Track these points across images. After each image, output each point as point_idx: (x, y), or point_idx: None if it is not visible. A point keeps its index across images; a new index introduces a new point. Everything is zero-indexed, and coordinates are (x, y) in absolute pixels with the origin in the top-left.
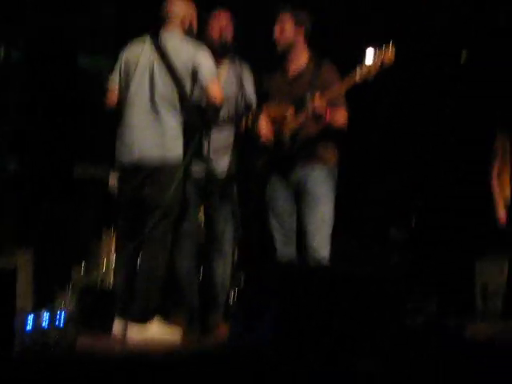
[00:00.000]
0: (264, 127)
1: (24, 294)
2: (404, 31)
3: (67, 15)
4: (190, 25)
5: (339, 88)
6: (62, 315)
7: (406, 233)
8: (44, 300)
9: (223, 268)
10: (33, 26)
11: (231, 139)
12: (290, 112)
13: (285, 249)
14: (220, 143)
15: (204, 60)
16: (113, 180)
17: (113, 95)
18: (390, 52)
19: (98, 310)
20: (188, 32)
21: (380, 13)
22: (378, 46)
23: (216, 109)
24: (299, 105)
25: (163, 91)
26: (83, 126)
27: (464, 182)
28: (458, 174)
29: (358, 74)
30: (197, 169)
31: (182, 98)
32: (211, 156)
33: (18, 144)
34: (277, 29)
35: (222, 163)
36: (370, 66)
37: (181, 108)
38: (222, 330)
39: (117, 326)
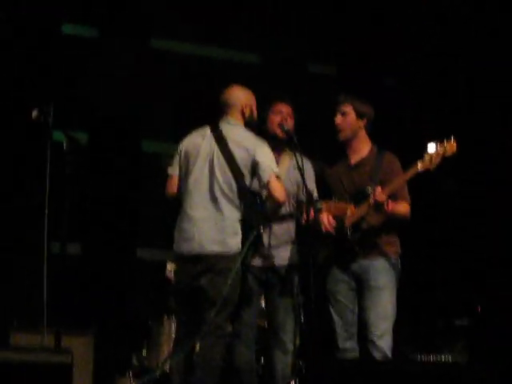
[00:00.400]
0: (325, 220)
1: (85, 379)
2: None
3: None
4: (251, 114)
5: (401, 180)
6: None
7: (470, 321)
8: None
9: (283, 360)
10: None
11: (292, 231)
12: (350, 209)
13: (346, 344)
14: (281, 235)
15: (264, 156)
16: (170, 269)
17: (173, 184)
18: (452, 144)
19: None
20: (248, 121)
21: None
22: (438, 140)
23: (278, 206)
24: (360, 196)
25: (222, 184)
26: (145, 208)
27: None
28: None
29: (420, 165)
30: (257, 260)
31: (241, 191)
32: (272, 247)
33: (80, 228)
34: (338, 119)
35: (283, 254)
36: (432, 156)
37: (239, 201)
38: None
39: None
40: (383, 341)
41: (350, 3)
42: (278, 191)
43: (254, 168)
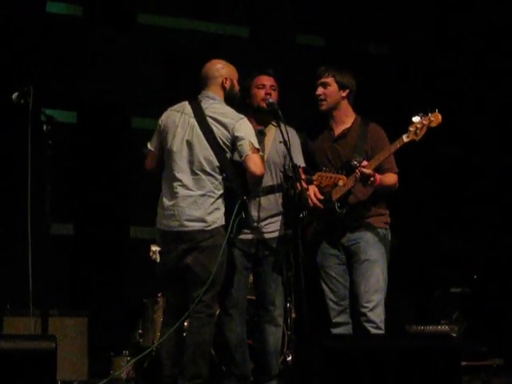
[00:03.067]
0: (312, 194)
1: (80, 360)
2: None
3: (120, 78)
4: (232, 87)
5: (387, 152)
6: None
7: (467, 288)
8: (100, 366)
9: (275, 334)
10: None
11: (280, 203)
12: (342, 180)
13: (339, 318)
14: (269, 207)
15: (243, 130)
16: (154, 250)
17: (151, 159)
18: (437, 115)
19: (153, 373)
20: (229, 95)
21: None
22: (423, 112)
23: (256, 180)
24: (346, 169)
25: (202, 159)
26: (137, 186)
27: None
28: None
29: (406, 137)
30: (245, 233)
31: (222, 165)
32: (260, 220)
33: (73, 210)
34: (319, 90)
35: (272, 227)
36: (417, 127)
37: (221, 175)
38: None
39: None
40: (375, 313)
41: None
42: (256, 165)
43: (234, 143)
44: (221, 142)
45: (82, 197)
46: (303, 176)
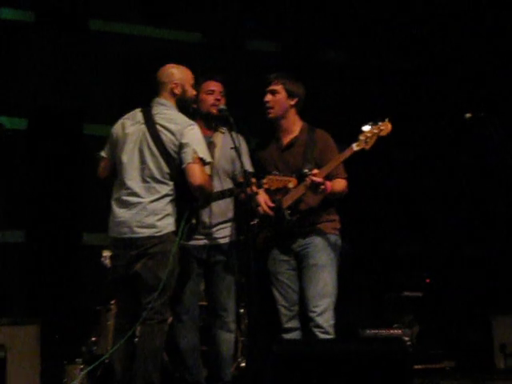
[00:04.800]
0: (263, 201)
1: (32, 368)
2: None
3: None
4: (183, 92)
5: (337, 161)
6: None
7: (419, 292)
8: (53, 375)
9: (228, 340)
10: (37, 94)
11: (231, 208)
12: (292, 182)
13: (289, 323)
14: (220, 213)
15: (190, 138)
16: (105, 255)
17: (103, 167)
18: (387, 124)
19: (107, 381)
20: (180, 100)
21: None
22: (373, 122)
23: (194, 189)
24: (298, 178)
25: (152, 166)
26: (90, 193)
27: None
28: (472, 233)
29: (356, 146)
30: (196, 240)
31: (172, 172)
32: (212, 225)
33: (25, 216)
34: (267, 97)
35: (223, 232)
36: (366, 136)
37: (171, 182)
38: None
39: None
40: (323, 318)
41: None
42: (194, 176)
43: (180, 150)
44: (170, 149)
45: (33, 203)
46: (253, 180)
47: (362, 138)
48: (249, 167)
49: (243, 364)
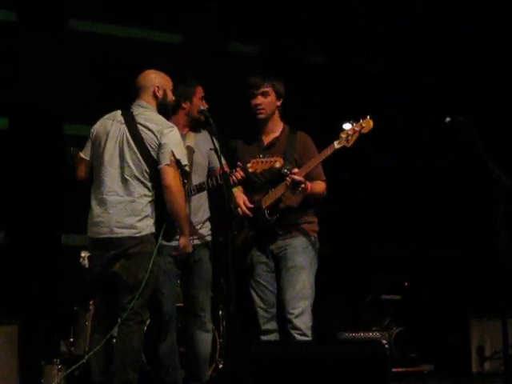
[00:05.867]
0: (242, 202)
1: (9, 369)
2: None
3: (52, 84)
4: (164, 96)
5: (318, 159)
6: None
7: (398, 295)
8: (31, 375)
9: (205, 341)
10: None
11: (207, 208)
12: (279, 161)
13: (267, 325)
14: (197, 212)
15: (169, 139)
16: (84, 256)
17: (82, 168)
18: (368, 121)
19: (84, 381)
20: (161, 104)
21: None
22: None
23: (165, 190)
24: (276, 177)
25: (132, 166)
26: (70, 195)
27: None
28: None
29: (337, 143)
30: (175, 240)
31: (153, 173)
32: (190, 225)
33: (4, 217)
34: (258, 100)
35: (201, 232)
36: (348, 134)
37: (152, 183)
38: None
39: None
40: (301, 320)
41: None
42: (168, 178)
43: (158, 150)
44: (150, 149)
45: (13, 204)
46: (239, 163)
47: (343, 135)
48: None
49: (221, 365)
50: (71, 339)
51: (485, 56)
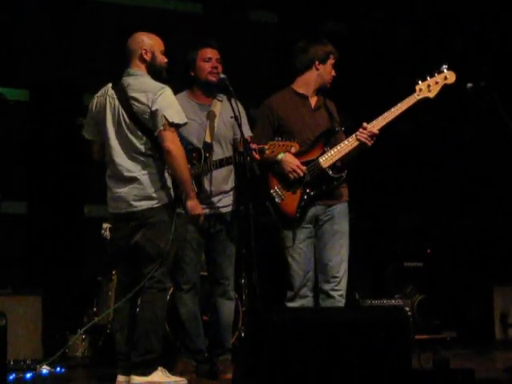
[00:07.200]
0: (296, 167)
1: (34, 338)
2: None
3: (72, 55)
4: (153, 59)
5: (394, 113)
6: None
7: (421, 262)
8: (55, 345)
9: (228, 308)
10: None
11: (232, 176)
12: (294, 147)
13: (304, 289)
14: (221, 181)
15: (161, 103)
16: (106, 227)
17: (96, 150)
18: (451, 73)
19: (108, 350)
20: (151, 67)
21: None
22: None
23: (168, 156)
24: (329, 135)
25: (134, 140)
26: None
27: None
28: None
29: (416, 94)
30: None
31: (153, 143)
32: (213, 194)
33: (27, 188)
34: (331, 68)
35: (225, 201)
36: (429, 84)
37: (157, 153)
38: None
39: (120, 380)
40: (343, 282)
41: None
42: (166, 141)
43: (151, 118)
44: (144, 120)
45: (35, 175)
46: (254, 146)
47: (422, 87)
48: (248, 133)
49: (244, 334)
50: (94, 309)
51: None
